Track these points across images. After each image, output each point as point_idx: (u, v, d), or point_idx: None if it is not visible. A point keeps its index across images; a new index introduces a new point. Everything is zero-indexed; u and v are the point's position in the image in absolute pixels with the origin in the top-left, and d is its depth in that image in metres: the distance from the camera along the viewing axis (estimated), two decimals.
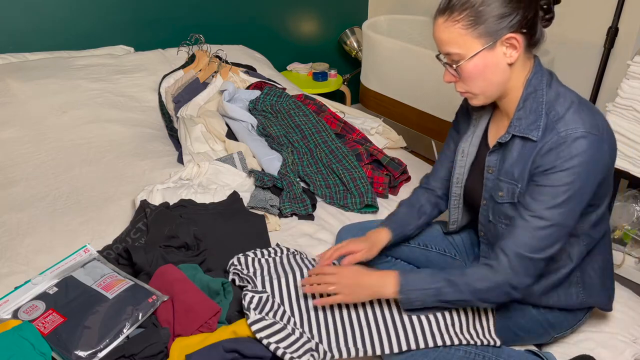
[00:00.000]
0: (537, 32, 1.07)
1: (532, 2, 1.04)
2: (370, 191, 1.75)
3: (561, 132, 1.02)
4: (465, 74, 1.08)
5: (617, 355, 1.22)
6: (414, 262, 1.44)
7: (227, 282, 1.25)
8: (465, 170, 1.26)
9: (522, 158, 1.09)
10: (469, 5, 1.02)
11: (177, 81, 2.37)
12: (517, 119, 1.10)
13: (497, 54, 1.05)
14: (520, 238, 1.05)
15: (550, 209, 1.02)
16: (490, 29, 1.02)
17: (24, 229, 1.54)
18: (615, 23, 2.21)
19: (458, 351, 1.13)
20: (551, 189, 1.02)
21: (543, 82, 1.09)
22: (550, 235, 1.04)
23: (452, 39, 1.06)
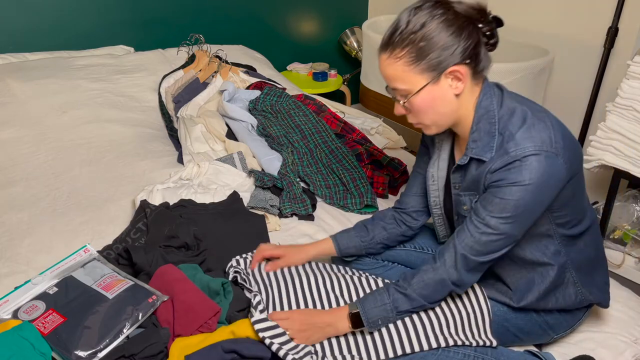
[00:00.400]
0: (481, 59, 1.07)
1: (473, 32, 1.04)
2: (370, 191, 1.75)
3: (511, 152, 1.02)
4: (414, 108, 1.09)
5: (617, 355, 1.22)
6: (411, 265, 1.43)
7: (227, 282, 1.25)
8: (440, 192, 1.28)
9: (478, 175, 1.10)
10: (410, 41, 1.02)
11: (177, 81, 2.37)
12: (473, 141, 1.11)
13: (442, 86, 1.06)
14: (466, 240, 1.08)
15: (497, 219, 1.04)
16: (433, 64, 1.03)
17: (24, 229, 1.54)
18: (615, 23, 2.21)
19: (457, 354, 1.13)
20: (500, 201, 1.03)
21: (494, 103, 1.09)
22: (493, 242, 1.06)
23: (396, 75, 1.06)
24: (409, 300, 1.12)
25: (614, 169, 1.91)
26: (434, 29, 1.01)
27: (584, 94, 2.41)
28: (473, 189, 1.13)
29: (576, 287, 1.18)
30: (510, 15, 2.61)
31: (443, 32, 1.01)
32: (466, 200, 1.15)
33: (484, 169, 1.07)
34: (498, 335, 1.19)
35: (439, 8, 1.02)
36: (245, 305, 1.23)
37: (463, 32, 1.02)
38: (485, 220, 1.05)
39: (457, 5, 1.04)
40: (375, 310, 1.11)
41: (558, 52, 2.41)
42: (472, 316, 1.19)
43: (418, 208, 1.36)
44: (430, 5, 1.03)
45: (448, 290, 1.12)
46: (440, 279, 1.11)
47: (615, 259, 2.11)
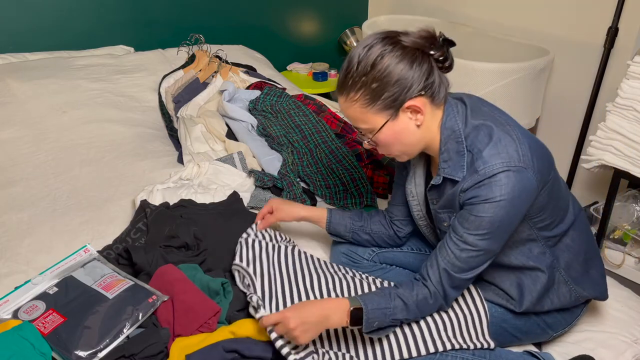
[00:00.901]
0: (436, 86, 1.07)
1: (424, 62, 1.04)
2: (370, 191, 1.75)
3: (480, 171, 1.02)
4: (380, 143, 1.11)
5: (617, 355, 1.22)
6: (409, 267, 1.43)
7: (226, 282, 1.25)
8: (422, 206, 1.29)
9: (453, 195, 1.11)
10: (362, 84, 1.04)
11: (177, 81, 2.37)
12: (443, 161, 1.11)
13: (402, 120, 1.07)
14: (447, 257, 1.09)
15: (474, 236, 1.05)
16: (388, 103, 1.04)
17: (24, 229, 1.54)
18: (615, 23, 2.21)
19: (455, 358, 1.13)
20: (475, 218, 1.04)
21: (458, 122, 1.09)
22: (474, 258, 1.07)
23: (355, 116, 1.08)
24: (406, 310, 1.11)
25: (614, 169, 1.91)
26: (385, 67, 1.02)
27: (584, 94, 2.41)
28: (449, 206, 1.13)
29: (568, 285, 1.18)
30: (510, 15, 2.61)
31: (394, 69, 1.02)
32: (445, 217, 1.16)
33: (457, 188, 1.08)
34: (496, 336, 1.19)
35: (388, 44, 1.03)
36: (245, 305, 1.23)
37: (414, 64, 1.02)
38: (463, 237, 1.06)
39: (405, 37, 1.04)
40: (376, 312, 1.09)
41: (558, 52, 2.41)
42: (470, 319, 1.19)
43: (402, 217, 1.38)
44: (379, 42, 1.03)
45: (438, 305, 1.13)
46: (432, 293, 1.11)
47: (615, 259, 2.11)
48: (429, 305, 1.12)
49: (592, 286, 1.21)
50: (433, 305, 1.12)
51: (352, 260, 1.42)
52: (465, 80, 2.23)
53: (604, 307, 1.34)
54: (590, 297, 1.21)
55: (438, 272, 1.10)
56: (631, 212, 2.14)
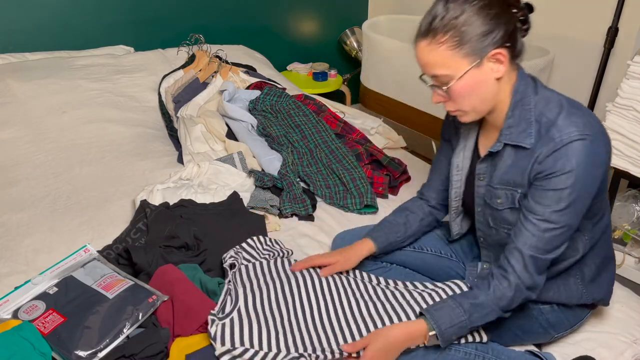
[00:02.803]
0: (518, 43, 1.08)
1: (511, 16, 1.05)
2: (370, 191, 1.75)
3: (556, 138, 1.03)
4: (455, 94, 1.08)
5: (617, 355, 1.22)
6: (409, 266, 1.43)
7: (223, 282, 1.25)
8: (462, 183, 1.28)
9: (518, 165, 1.10)
10: (452, 26, 1.02)
11: (177, 81, 2.37)
12: (508, 127, 1.11)
13: (484, 70, 1.06)
14: (529, 241, 1.07)
15: (556, 212, 1.04)
16: (476, 47, 1.03)
17: (24, 229, 1.54)
18: (615, 23, 2.21)
19: (458, 352, 1.13)
20: (554, 193, 1.03)
21: (529, 90, 1.10)
22: (557, 236, 1.06)
23: (438, 61, 1.06)
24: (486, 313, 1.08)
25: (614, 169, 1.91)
26: (475, 13, 1.02)
27: (584, 94, 2.41)
28: (511, 182, 1.11)
29: (576, 278, 1.19)
30: None
31: (484, 16, 1.02)
32: (501, 194, 1.14)
33: (528, 158, 1.07)
34: (498, 334, 1.19)
35: None
36: None
37: (502, 16, 1.03)
38: (545, 215, 1.05)
39: None
40: (451, 330, 1.07)
41: (558, 52, 2.41)
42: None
43: (442, 202, 1.38)
44: None
45: (522, 296, 1.09)
46: (515, 285, 1.08)
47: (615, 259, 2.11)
48: (508, 298, 1.08)
49: (599, 290, 1.22)
50: (514, 297, 1.08)
51: None
52: None
53: (603, 307, 1.34)
54: (593, 299, 1.22)
55: (522, 260, 1.07)
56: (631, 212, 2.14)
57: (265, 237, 1.42)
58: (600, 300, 1.23)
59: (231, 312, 1.15)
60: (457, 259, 1.43)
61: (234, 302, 1.18)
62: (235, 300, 1.19)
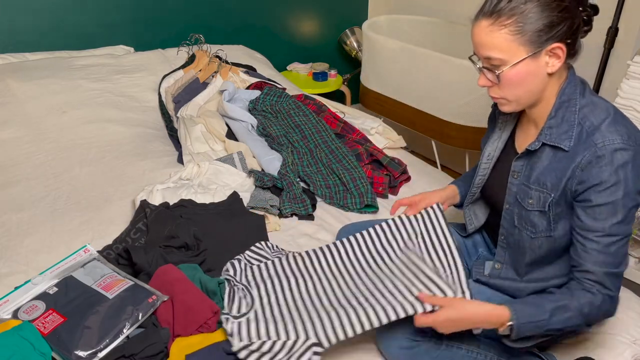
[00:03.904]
0: (577, 42, 1.06)
1: (578, 13, 1.03)
2: (370, 191, 1.75)
3: (598, 144, 1.02)
4: (504, 81, 1.06)
5: (617, 356, 1.22)
6: None
7: (223, 282, 1.25)
8: (488, 172, 1.27)
9: (555, 168, 1.09)
10: (519, 11, 1.00)
11: (177, 81, 2.37)
12: (549, 127, 1.09)
13: (539, 62, 1.04)
14: (598, 259, 1.04)
15: (615, 224, 1.02)
16: (537, 38, 1.01)
17: (24, 229, 1.54)
18: (615, 23, 2.21)
19: (460, 349, 1.13)
20: (606, 207, 1.02)
21: (577, 92, 1.08)
22: (621, 247, 1.05)
23: (496, 44, 1.03)
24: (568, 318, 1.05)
25: None
26: (544, 2, 1.00)
27: None
28: (546, 184, 1.10)
29: None
30: None
31: (552, 7, 1.00)
32: (534, 194, 1.12)
33: (568, 162, 1.06)
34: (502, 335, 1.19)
35: None
36: None
37: (570, 11, 1.01)
38: (606, 230, 1.03)
39: None
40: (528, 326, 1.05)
41: None
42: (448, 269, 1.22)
43: None
44: None
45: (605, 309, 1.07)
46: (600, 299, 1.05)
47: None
48: (595, 309, 1.05)
49: None
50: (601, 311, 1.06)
51: None
52: (466, 80, 2.24)
53: None
54: None
55: (598, 279, 1.05)
56: None
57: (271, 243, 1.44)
58: None
59: (247, 312, 1.17)
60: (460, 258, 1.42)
61: (250, 304, 1.20)
62: (252, 302, 1.20)
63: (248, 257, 1.37)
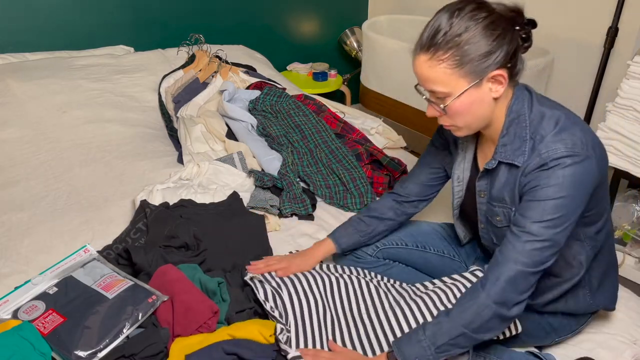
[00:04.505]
0: (518, 63, 1.07)
1: (514, 35, 1.03)
2: (370, 191, 1.75)
3: (542, 154, 1.01)
4: (451, 112, 1.06)
5: (617, 356, 1.22)
6: (412, 265, 1.43)
7: (223, 282, 1.25)
8: (463, 194, 1.27)
9: (510, 182, 1.09)
10: (454, 44, 1.00)
11: (177, 81, 2.37)
12: (502, 145, 1.10)
13: (483, 90, 1.04)
14: (509, 254, 1.03)
15: (538, 224, 1.00)
16: (477, 68, 1.01)
17: (24, 229, 1.54)
18: (615, 23, 2.21)
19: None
20: (537, 204, 1.01)
21: (525, 107, 1.08)
22: (539, 250, 1.01)
23: (437, 78, 1.03)
24: (446, 331, 1.03)
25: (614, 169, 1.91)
26: (478, 33, 0.99)
27: (584, 94, 2.41)
28: (505, 200, 1.11)
29: (585, 290, 1.18)
30: None
31: (487, 36, 0.99)
32: (499, 211, 1.13)
33: (518, 173, 1.06)
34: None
35: (482, 11, 1.00)
36: (244, 307, 1.23)
37: (506, 36, 1.01)
38: (527, 227, 1.01)
39: (497, 7, 1.02)
40: (410, 349, 1.04)
41: (558, 52, 2.41)
42: None
43: (420, 197, 1.37)
44: (473, 9, 1.00)
45: (491, 312, 1.01)
46: (481, 300, 1.02)
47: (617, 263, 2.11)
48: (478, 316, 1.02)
49: (604, 297, 1.22)
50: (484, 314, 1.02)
51: (356, 256, 1.42)
52: None
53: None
54: (600, 307, 1.22)
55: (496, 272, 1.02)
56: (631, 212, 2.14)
57: None
58: (605, 307, 1.23)
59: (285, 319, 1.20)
60: (459, 260, 1.43)
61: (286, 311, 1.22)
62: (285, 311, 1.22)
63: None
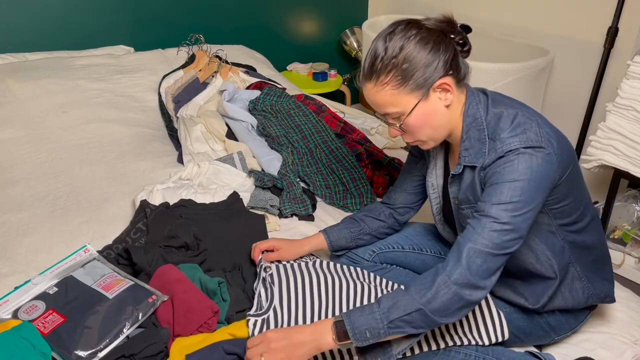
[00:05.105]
0: (461, 68, 1.09)
1: (448, 44, 1.06)
2: (370, 191, 1.75)
3: (498, 149, 1.04)
4: (409, 128, 1.10)
5: (617, 356, 1.22)
6: (410, 267, 1.43)
7: (223, 282, 1.25)
8: (440, 200, 1.29)
9: (472, 182, 1.11)
10: (393, 66, 1.04)
11: (177, 81, 2.37)
12: (465, 149, 1.12)
13: (432, 101, 1.07)
14: (469, 235, 1.02)
15: (497, 206, 1.00)
16: (420, 82, 1.04)
17: (24, 229, 1.54)
18: (615, 23, 2.21)
19: (458, 354, 1.13)
20: (496, 187, 1.02)
21: (480, 110, 1.10)
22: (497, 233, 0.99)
23: (386, 100, 1.07)
24: (402, 305, 0.99)
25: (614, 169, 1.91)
26: (413, 49, 1.03)
27: (584, 94, 2.41)
28: (470, 200, 1.13)
29: (582, 282, 1.18)
30: (510, 15, 2.61)
31: (422, 50, 1.03)
32: (468, 213, 1.16)
33: (476, 171, 1.09)
34: None
35: (412, 29, 1.05)
36: (244, 307, 1.23)
37: (440, 45, 1.04)
38: (485, 211, 1.01)
39: (427, 21, 1.07)
40: (361, 319, 0.99)
41: (558, 52, 2.41)
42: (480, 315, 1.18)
43: (406, 204, 1.39)
44: (403, 28, 1.05)
45: (451, 292, 0.98)
46: (441, 279, 0.99)
47: (615, 259, 2.11)
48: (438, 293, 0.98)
49: (603, 285, 1.21)
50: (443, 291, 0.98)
51: (352, 260, 1.42)
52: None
53: (604, 307, 1.34)
54: (602, 296, 1.21)
55: (457, 253, 1.01)
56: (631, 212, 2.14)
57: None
58: (606, 297, 1.22)
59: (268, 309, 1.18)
60: None
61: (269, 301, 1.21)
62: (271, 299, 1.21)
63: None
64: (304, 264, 1.33)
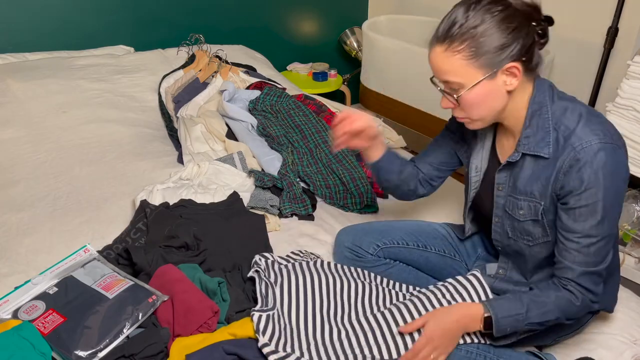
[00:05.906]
0: (534, 57, 1.07)
1: (530, 30, 1.04)
2: (370, 191, 1.75)
3: (576, 147, 1.03)
4: (465, 103, 1.08)
5: (617, 356, 1.22)
6: (413, 264, 1.43)
7: (223, 282, 1.25)
8: (479, 185, 1.28)
9: (539, 176, 1.10)
10: (470, 35, 1.01)
11: (177, 81, 2.37)
12: (525, 137, 1.10)
13: (497, 82, 1.05)
14: (577, 258, 1.07)
15: (594, 226, 1.04)
16: (492, 60, 1.02)
17: (24, 229, 1.54)
18: (615, 23, 2.21)
19: (459, 351, 1.13)
20: (587, 209, 1.04)
21: (546, 99, 1.09)
22: (602, 247, 1.06)
23: (452, 69, 1.05)
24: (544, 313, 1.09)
25: None
26: (494, 25, 1.01)
27: (584, 94, 2.41)
28: (534, 194, 1.12)
29: None
30: None
31: (503, 29, 1.01)
32: (524, 205, 1.14)
33: (550, 169, 1.07)
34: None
35: (498, 5, 1.01)
36: (243, 307, 1.23)
37: (521, 30, 1.02)
38: (585, 231, 1.05)
39: (514, 1, 1.03)
40: (507, 320, 1.09)
41: (558, 52, 2.41)
42: None
43: (428, 178, 1.39)
44: (489, 2, 1.02)
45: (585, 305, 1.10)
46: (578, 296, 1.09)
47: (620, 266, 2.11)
48: (574, 306, 1.09)
49: (606, 298, 1.22)
50: (580, 307, 1.09)
51: (357, 254, 1.41)
52: None
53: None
54: (601, 308, 1.23)
55: (577, 276, 1.08)
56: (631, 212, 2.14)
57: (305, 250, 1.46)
58: (604, 308, 1.24)
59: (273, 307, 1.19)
60: (460, 259, 1.43)
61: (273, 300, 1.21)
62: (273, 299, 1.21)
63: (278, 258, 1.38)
64: (305, 263, 1.33)
